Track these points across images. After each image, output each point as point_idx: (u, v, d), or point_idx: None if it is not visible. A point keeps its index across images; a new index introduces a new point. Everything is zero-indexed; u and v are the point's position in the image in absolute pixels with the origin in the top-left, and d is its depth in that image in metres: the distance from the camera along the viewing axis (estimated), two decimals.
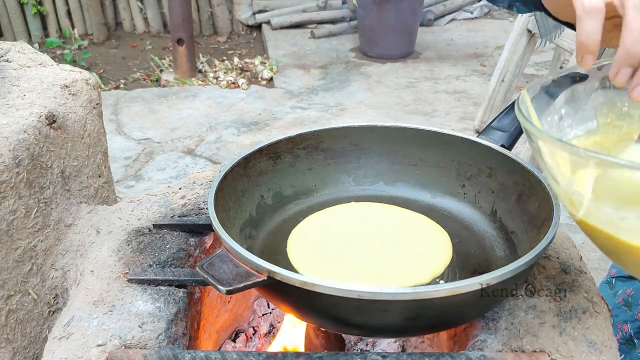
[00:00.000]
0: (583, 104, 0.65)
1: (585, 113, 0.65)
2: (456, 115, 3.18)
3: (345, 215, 0.92)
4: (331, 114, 3.21)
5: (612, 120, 0.65)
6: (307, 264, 0.81)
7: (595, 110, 0.65)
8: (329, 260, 0.82)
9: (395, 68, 3.83)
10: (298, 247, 0.85)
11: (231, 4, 4.53)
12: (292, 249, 0.85)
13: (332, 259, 0.82)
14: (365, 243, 0.86)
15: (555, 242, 0.89)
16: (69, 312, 0.79)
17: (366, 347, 1.03)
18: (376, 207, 0.94)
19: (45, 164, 0.93)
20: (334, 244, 0.86)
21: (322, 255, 0.83)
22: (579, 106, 0.65)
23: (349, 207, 0.94)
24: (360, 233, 0.88)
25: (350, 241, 0.86)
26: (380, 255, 0.83)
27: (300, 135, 0.94)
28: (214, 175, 1.05)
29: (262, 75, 3.77)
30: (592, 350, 0.71)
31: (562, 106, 0.65)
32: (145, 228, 0.92)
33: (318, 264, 0.81)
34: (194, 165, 2.70)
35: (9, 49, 1.16)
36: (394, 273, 0.80)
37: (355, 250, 0.84)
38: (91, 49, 4.16)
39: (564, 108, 0.65)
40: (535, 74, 3.69)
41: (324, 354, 0.70)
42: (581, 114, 0.65)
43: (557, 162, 0.55)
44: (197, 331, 0.88)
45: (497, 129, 0.91)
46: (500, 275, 0.65)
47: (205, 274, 0.67)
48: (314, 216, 0.92)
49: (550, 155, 0.56)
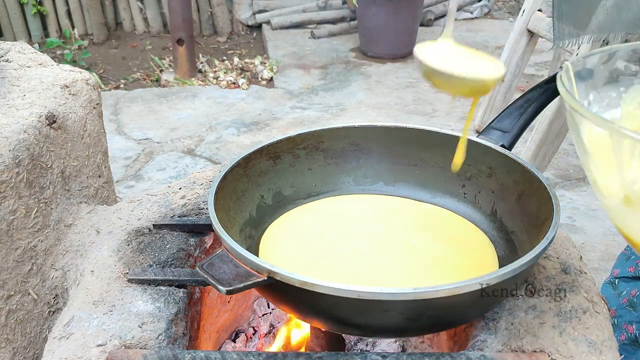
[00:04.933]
0: (609, 91, 0.65)
1: (611, 100, 0.64)
2: (456, 115, 3.18)
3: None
4: (331, 114, 3.21)
5: (634, 109, 0.64)
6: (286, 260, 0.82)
7: (619, 98, 0.65)
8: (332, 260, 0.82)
9: (395, 68, 3.82)
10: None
11: (231, 4, 4.53)
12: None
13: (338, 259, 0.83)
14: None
15: (555, 242, 0.89)
16: (69, 312, 0.79)
17: (366, 347, 1.03)
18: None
19: (45, 164, 0.93)
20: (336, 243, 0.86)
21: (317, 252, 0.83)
22: (606, 93, 0.65)
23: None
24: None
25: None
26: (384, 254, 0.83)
27: (300, 135, 0.94)
28: (214, 175, 1.05)
29: (262, 75, 3.77)
30: (592, 350, 0.71)
31: (589, 92, 0.64)
32: (145, 228, 0.92)
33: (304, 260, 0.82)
34: (194, 165, 2.70)
35: (9, 49, 1.16)
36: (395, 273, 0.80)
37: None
38: (91, 49, 4.16)
39: (592, 94, 0.64)
40: (535, 74, 3.69)
41: (324, 354, 0.70)
42: (607, 100, 0.65)
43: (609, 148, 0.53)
44: (197, 331, 0.88)
45: (497, 129, 0.91)
46: (500, 275, 0.65)
47: (205, 274, 0.67)
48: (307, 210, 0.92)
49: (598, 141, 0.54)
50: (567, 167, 2.67)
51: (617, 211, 0.58)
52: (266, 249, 0.84)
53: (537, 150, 2.23)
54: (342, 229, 0.88)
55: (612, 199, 0.57)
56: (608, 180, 0.57)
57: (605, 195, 0.58)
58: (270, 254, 0.82)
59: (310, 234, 0.87)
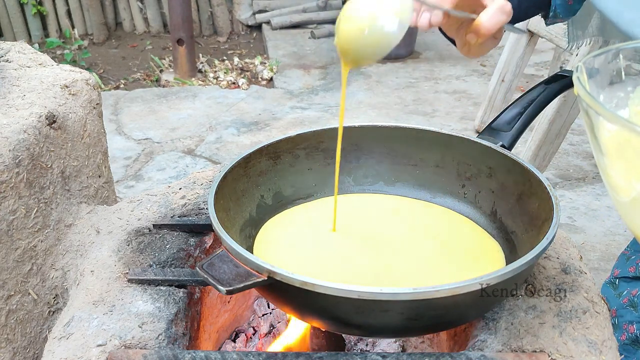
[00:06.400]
0: (617, 91, 0.65)
1: (619, 100, 0.64)
2: (456, 115, 3.18)
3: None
4: (331, 114, 3.21)
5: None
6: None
7: (627, 98, 0.65)
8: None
9: (395, 68, 3.82)
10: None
11: (231, 4, 4.53)
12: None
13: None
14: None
15: (555, 242, 0.89)
16: (69, 312, 0.79)
17: (366, 347, 1.03)
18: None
19: (45, 164, 0.93)
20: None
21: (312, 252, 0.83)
22: (614, 93, 0.65)
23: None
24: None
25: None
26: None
27: (300, 135, 0.94)
28: (214, 175, 1.05)
29: (262, 75, 3.77)
30: (592, 350, 0.71)
31: (600, 93, 0.64)
32: (145, 228, 0.92)
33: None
34: (194, 165, 2.70)
35: (9, 49, 1.16)
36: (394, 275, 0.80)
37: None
38: (91, 49, 4.16)
39: (602, 95, 0.64)
40: (535, 74, 3.69)
41: (324, 354, 0.70)
42: (615, 101, 0.65)
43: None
44: (197, 331, 0.88)
45: (497, 129, 0.91)
46: (500, 275, 0.65)
47: (205, 274, 0.67)
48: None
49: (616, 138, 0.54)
50: (567, 167, 2.67)
51: (631, 209, 0.58)
52: (262, 248, 0.84)
53: (537, 150, 2.24)
54: (341, 229, 0.88)
55: (626, 197, 0.57)
56: (623, 179, 0.56)
57: (618, 193, 0.58)
58: (267, 254, 0.82)
59: (310, 234, 0.87)
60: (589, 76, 0.61)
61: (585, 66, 0.60)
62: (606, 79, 0.64)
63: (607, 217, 2.26)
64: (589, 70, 0.61)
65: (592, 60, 0.62)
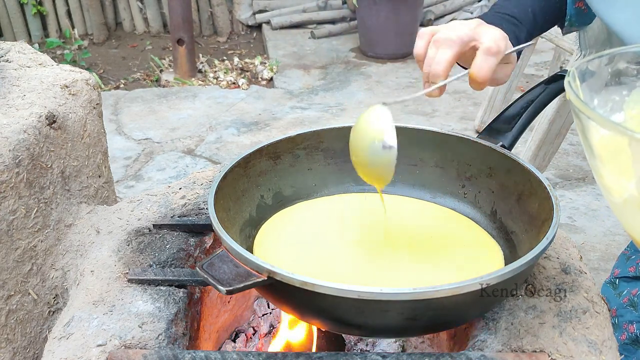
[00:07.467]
0: (612, 94, 0.65)
1: (614, 104, 0.65)
2: (456, 115, 3.18)
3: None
4: (331, 114, 3.21)
5: (637, 113, 0.64)
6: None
7: (622, 102, 0.65)
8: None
9: (395, 68, 3.82)
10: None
11: (231, 4, 4.53)
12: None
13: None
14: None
15: (555, 242, 0.89)
16: (69, 312, 0.79)
17: (366, 347, 1.03)
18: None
19: (45, 164, 0.93)
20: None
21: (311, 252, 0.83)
22: (609, 96, 0.65)
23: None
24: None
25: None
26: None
27: (300, 135, 0.94)
28: (214, 175, 1.05)
29: (262, 75, 3.77)
30: (592, 350, 0.71)
31: (594, 96, 0.64)
32: (145, 228, 0.92)
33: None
34: (194, 165, 2.70)
35: (9, 49, 1.16)
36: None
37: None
38: (91, 49, 4.16)
39: (596, 99, 0.64)
40: (535, 74, 3.69)
41: (324, 354, 0.70)
42: (610, 105, 0.65)
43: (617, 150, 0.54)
44: (197, 331, 0.88)
45: (497, 129, 0.91)
46: (500, 275, 0.65)
47: (205, 274, 0.67)
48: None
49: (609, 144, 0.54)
50: (567, 167, 2.67)
51: (624, 209, 0.58)
52: (262, 248, 0.84)
53: (537, 150, 2.24)
54: (341, 229, 0.88)
55: (618, 197, 0.57)
56: (615, 181, 0.57)
57: (611, 194, 0.58)
58: (267, 254, 0.82)
59: (309, 234, 0.87)
60: (583, 80, 0.61)
61: (578, 70, 0.61)
62: (601, 83, 0.64)
63: (607, 217, 2.26)
64: (582, 74, 0.61)
65: (586, 65, 0.62)
